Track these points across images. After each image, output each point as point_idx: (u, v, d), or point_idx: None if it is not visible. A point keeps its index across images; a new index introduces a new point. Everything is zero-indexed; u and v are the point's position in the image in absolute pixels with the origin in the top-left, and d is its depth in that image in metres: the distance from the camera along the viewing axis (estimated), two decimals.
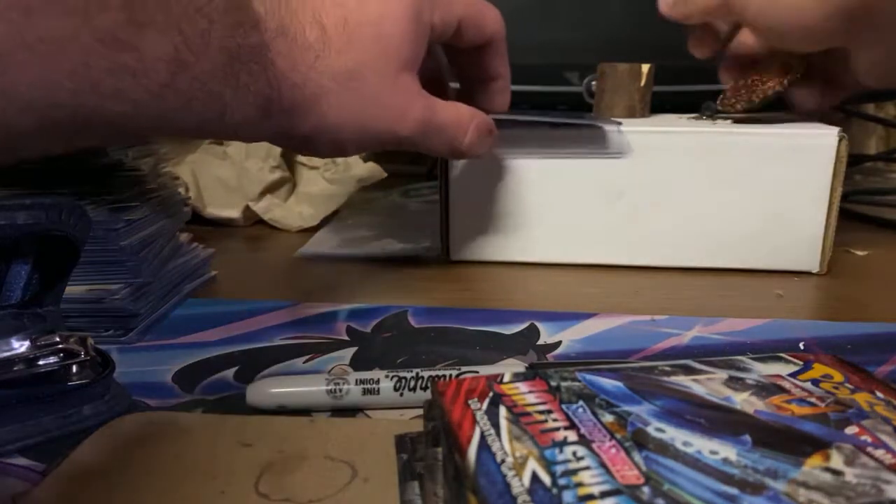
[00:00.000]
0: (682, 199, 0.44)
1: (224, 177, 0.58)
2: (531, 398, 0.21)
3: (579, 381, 0.22)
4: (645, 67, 0.47)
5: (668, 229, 0.45)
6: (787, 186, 0.43)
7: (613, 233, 0.45)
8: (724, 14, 0.41)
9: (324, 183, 0.60)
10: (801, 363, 0.24)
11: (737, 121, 0.46)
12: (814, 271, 0.44)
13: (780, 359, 0.25)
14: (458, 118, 0.36)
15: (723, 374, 0.23)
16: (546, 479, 0.17)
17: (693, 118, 0.48)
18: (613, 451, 0.18)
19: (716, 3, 0.41)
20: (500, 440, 0.18)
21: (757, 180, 0.43)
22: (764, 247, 0.44)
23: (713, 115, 0.48)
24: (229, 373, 0.32)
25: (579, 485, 0.16)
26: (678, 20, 0.44)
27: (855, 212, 0.58)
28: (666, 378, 0.23)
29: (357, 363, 0.33)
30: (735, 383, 0.22)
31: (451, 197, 0.46)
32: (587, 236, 0.45)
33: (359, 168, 0.60)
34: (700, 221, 0.44)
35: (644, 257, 0.45)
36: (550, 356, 0.33)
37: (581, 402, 0.21)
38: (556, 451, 0.18)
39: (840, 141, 0.42)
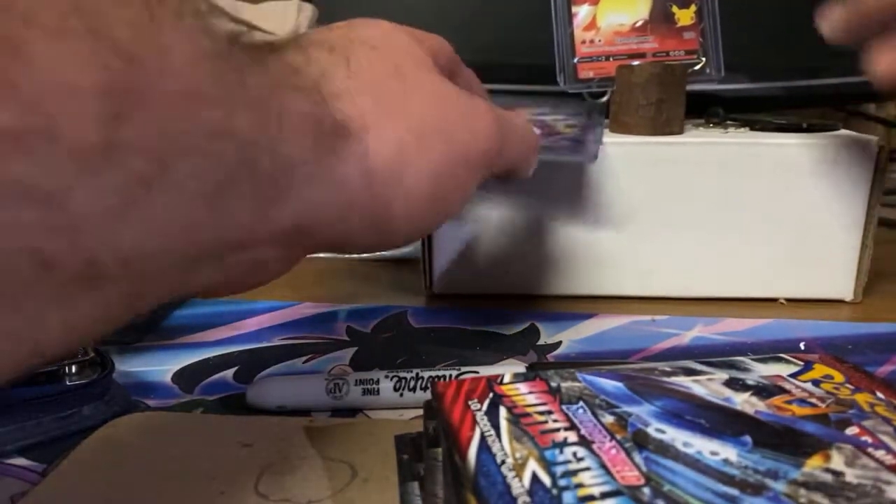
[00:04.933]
0: (696, 220, 0.38)
1: None
2: (531, 399, 0.21)
3: (579, 381, 0.22)
4: (674, 67, 0.39)
5: (684, 257, 0.39)
6: (818, 204, 0.37)
7: (625, 263, 0.40)
8: None
9: None
10: (801, 364, 0.24)
11: (755, 128, 0.40)
12: (847, 300, 0.39)
13: (780, 359, 0.25)
14: (512, 111, 0.29)
15: (723, 375, 0.23)
16: (546, 479, 0.17)
17: (699, 124, 0.43)
18: (614, 451, 0.18)
19: None
20: (500, 441, 0.18)
21: (782, 197, 0.38)
22: (791, 273, 0.39)
23: (722, 121, 0.43)
24: (229, 373, 0.32)
25: (579, 486, 0.16)
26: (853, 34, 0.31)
27: None
28: (666, 379, 0.23)
29: (357, 363, 0.33)
30: (735, 384, 0.22)
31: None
32: (595, 267, 0.40)
33: None
34: (722, 247, 0.39)
35: (656, 287, 0.40)
36: (550, 356, 0.33)
37: (581, 403, 0.20)
38: (557, 451, 0.18)
39: (880, 150, 0.36)
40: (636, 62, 0.40)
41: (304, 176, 0.19)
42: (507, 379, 0.22)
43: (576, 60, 0.43)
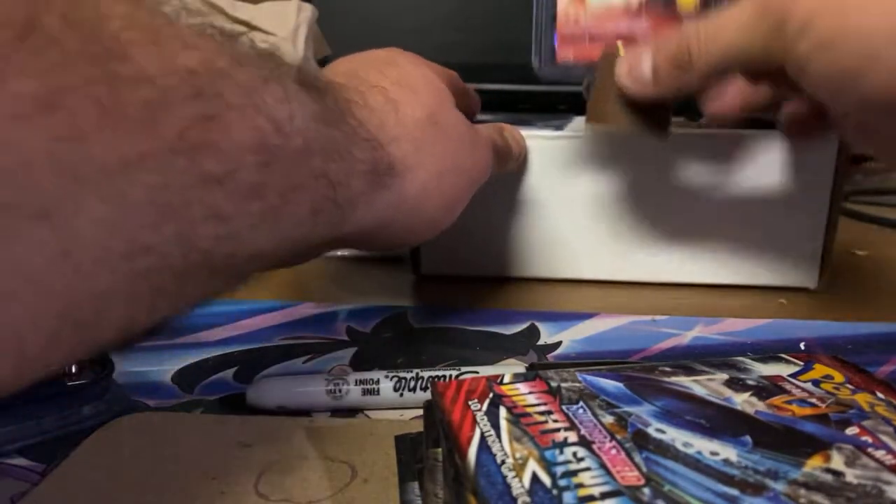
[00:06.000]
0: (667, 209, 0.40)
1: None
2: (531, 399, 0.21)
3: (579, 381, 0.22)
4: None
5: (655, 243, 0.41)
6: (783, 194, 0.39)
7: (600, 247, 0.42)
8: (758, 67, 0.29)
9: None
10: (801, 364, 0.24)
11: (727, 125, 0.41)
12: (811, 287, 0.41)
13: (780, 359, 0.25)
14: (494, 128, 0.37)
15: (723, 375, 0.23)
16: (546, 480, 0.17)
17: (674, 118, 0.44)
18: (614, 451, 0.18)
19: (748, 54, 0.28)
20: (500, 441, 0.18)
21: (749, 187, 0.39)
22: (758, 261, 0.41)
23: (696, 114, 0.42)
24: (229, 373, 0.32)
25: (580, 486, 0.16)
26: (669, 94, 0.32)
27: (855, 212, 0.58)
28: (666, 379, 0.23)
29: (357, 363, 0.33)
30: (735, 384, 0.22)
31: None
32: (573, 251, 0.42)
33: None
34: (690, 234, 0.41)
35: (630, 273, 0.42)
36: (551, 356, 0.33)
37: (581, 403, 0.20)
38: (557, 452, 0.18)
39: (840, 150, 0.38)
40: (623, 46, 0.35)
41: (362, 204, 0.24)
42: (507, 379, 0.22)
43: (555, 40, 0.37)
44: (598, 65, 0.35)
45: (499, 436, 0.19)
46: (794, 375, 0.23)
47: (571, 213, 0.41)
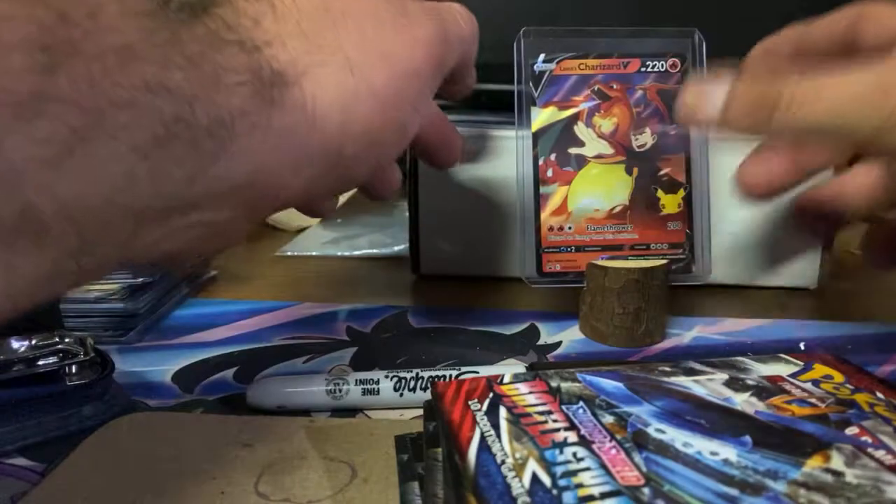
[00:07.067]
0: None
1: None
2: (531, 399, 0.21)
3: (579, 381, 0.22)
4: (654, 271, 0.34)
5: None
6: (783, 199, 0.37)
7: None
8: (854, 144, 0.26)
9: None
10: (801, 364, 0.24)
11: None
12: (811, 287, 0.41)
13: (780, 359, 0.25)
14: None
15: (723, 375, 0.23)
16: (546, 480, 0.17)
17: None
18: (614, 452, 0.18)
19: (851, 130, 0.24)
20: (500, 441, 0.18)
21: None
22: (758, 261, 0.41)
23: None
24: (229, 373, 0.32)
25: (579, 486, 0.16)
26: (726, 132, 0.26)
27: None
28: (666, 379, 0.23)
29: (357, 363, 0.33)
30: (735, 384, 0.22)
31: (422, 208, 0.43)
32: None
33: None
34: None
35: None
36: (550, 356, 0.33)
37: (581, 403, 0.20)
38: (557, 452, 0.18)
39: None
40: (609, 261, 0.35)
41: (245, 129, 0.19)
42: (507, 379, 0.22)
43: (540, 250, 0.36)
44: (587, 275, 0.35)
45: (499, 436, 0.19)
46: (794, 375, 0.23)
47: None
